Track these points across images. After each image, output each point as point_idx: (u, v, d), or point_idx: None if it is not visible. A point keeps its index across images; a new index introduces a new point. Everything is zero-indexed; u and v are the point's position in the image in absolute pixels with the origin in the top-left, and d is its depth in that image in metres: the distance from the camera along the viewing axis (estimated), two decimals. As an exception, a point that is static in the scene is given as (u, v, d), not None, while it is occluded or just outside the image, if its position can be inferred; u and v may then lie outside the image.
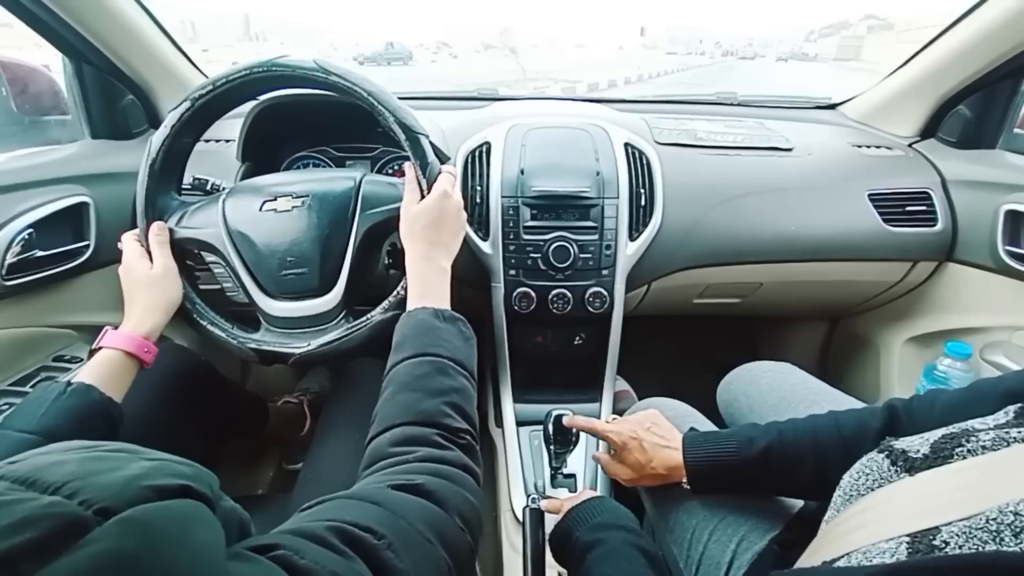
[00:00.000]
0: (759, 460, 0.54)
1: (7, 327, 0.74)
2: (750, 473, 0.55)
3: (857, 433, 0.50)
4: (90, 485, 0.21)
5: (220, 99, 0.68)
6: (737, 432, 0.58)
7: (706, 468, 0.57)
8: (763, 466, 0.54)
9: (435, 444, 0.46)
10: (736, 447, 0.56)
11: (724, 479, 0.57)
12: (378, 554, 0.31)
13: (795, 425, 0.56)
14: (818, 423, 0.54)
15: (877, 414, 0.51)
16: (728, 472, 0.56)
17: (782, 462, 0.53)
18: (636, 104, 1.27)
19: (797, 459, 0.53)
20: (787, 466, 0.53)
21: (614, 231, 0.87)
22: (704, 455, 0.58)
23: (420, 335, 0.55)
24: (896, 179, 0.99)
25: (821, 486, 0.47)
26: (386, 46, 24.36)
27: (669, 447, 0.61)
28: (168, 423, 0.72)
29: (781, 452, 0.53)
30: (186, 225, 0.70)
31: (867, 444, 0.47)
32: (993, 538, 0.27)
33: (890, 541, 0.31)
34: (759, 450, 0.54)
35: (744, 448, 0.55)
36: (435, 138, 0.67)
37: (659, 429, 0.64)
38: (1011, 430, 0.34)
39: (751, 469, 0.55)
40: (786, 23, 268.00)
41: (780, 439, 0.54)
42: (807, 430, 0.54)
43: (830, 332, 1.36)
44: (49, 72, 0.96)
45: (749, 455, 0.54)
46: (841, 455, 0.47)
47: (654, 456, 0.61)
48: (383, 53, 23.56)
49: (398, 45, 25.09)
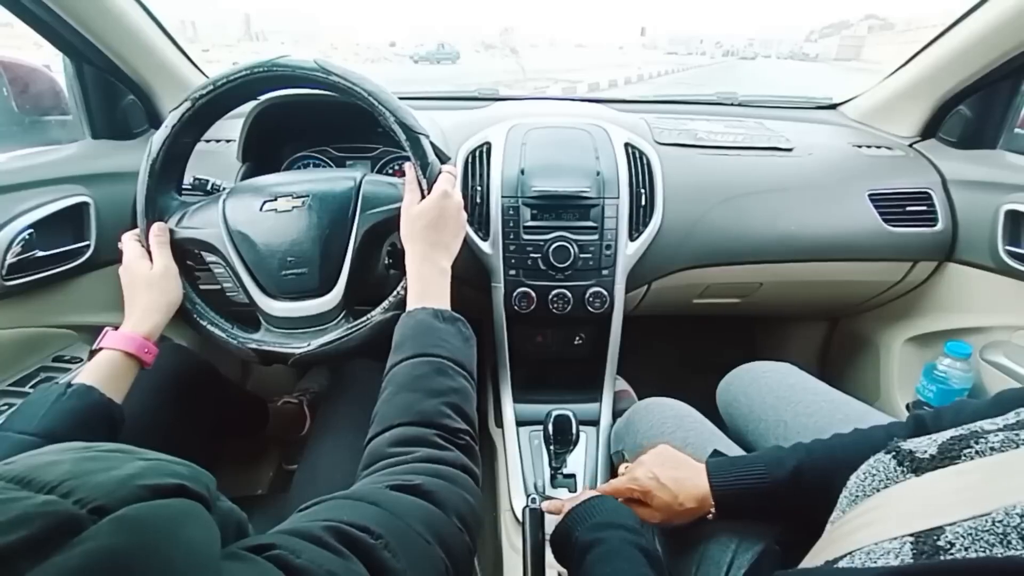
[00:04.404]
0: (791, 480, 0.52)
1: (7, 327, 0.74)
2: (782, 495, 0.53)
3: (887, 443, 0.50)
4: (85, 484, 0.21)
5: (221, 99, 0.68)
6: (763, 454, 0.57)
7: (734, 494, 0.55)
8: (796, 486, 0.52)
9: (434, 445, 0.46)
10: (765, 469, 0.54)
11: (754, 503, 0.55)
12: (375, 554, 0.31)
13: (823, 443, 0.54)
14: (846, 440, 0.53)
15: (904, 426, 0.50)
16: (758, 496, 0.54)
17: (814, 480, 0.51)
18: (636, 104, 1.27)
19: (830, 476, 0.50)
20: (821, 484, 0.50)
21: (614, 231, 0.87)
22: (732, 480, 0.55)
23: (420, 335, 0.55)
24: (896, 179, 0.99)
25: None
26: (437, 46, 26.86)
27: (692, 479, 0.57)
28: (168, 423, 0.72)
29: (812, 470, 0.52)
30: (186, 225, 0.70)
31: None
32: (1000, 540, 0.27)
33: (894, 541, 0.31)
34: (790, 470, 0.52)
35: (773, 469, 0.53)
36: (435, 138, 0.67)
37: (674, 462, 0.60)
38: (1020, 431, 0.34)
39: (783, 490, 0.53)
40: (786, 23, 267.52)
41: (810, 457, 0.53)
42: (837, 446, 0.53)
43: (830, 332, 1.36)
44: (50, 72, 0.96)
45: (780, 476, 0.53)
46: None
47: (679, 492, 0.57)
48: (435, 52, 25.73)
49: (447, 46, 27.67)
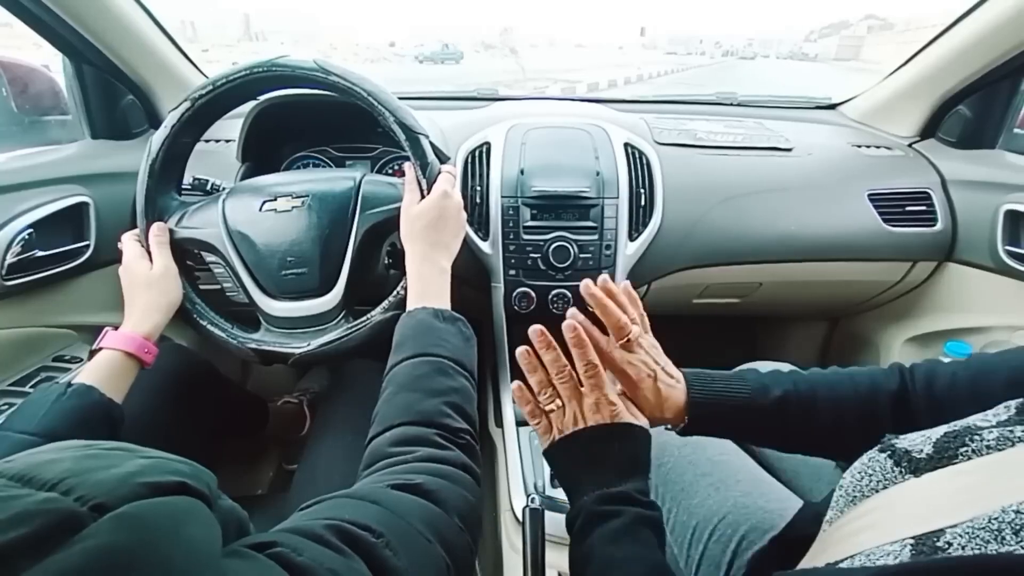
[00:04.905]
0: (775, 407, 0.49)
1: (7, 327, 0.74)
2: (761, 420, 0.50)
3: (872, 392, 0.48)
4: (85, 482, 0.21)
5: (220, 99, 0.68)
6: (746, 377, 0.53)
7: (712, 408, 0.51)
8: (779, 414, 0.49)
9: (435, 444, 0.46)
10: (749, 392, 0.51)
11: (727, 423, 0.51)
12: (376, 552, 0.31)
13: (805, 377, 0.52)
14: (831, 378, 0.51)
15: (890, 375, 0.49)
16: (735, 416, 0.50)
17: (799, 411, 0.49)
18: (636, 104, 1.27)
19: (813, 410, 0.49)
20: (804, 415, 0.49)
21: (614, 231, 0.87)
22: (712, 394, 0.51)
23: (420, 335, 0.55)
24: (896, 179, 0.99)
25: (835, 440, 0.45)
26: (442, 47, 27.47)
27: (678, 387, 0.52)
28: (168, 423, 0.72)
29: (797, 403, 0.49)
30: (186, 225, 0.70)
31: (881, 404, 0.47)
32: (995, 537, 0.27)
33: (894, 543, 0.31)
34: (775, 398, 0.49)
35: (757, 395, 0.50)
36: (435, 138, 0.67)
37: (670, 368, 0.54)
38: (1015, 428, 0.34)
39: (764, 417, 0.50)
40: (786, 23, 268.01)
41: (796, 388, 0.50)
42: (821, 383, 0.51)
43: (830, 332, 1.36)
44: (49, 72, 0.96)
45: (765, 402, 0.50)
46: (857, 411, 0.46)
47: (668, 397, 0.51)
48: (439, 52, 26.26)
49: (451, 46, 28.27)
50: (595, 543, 0.44)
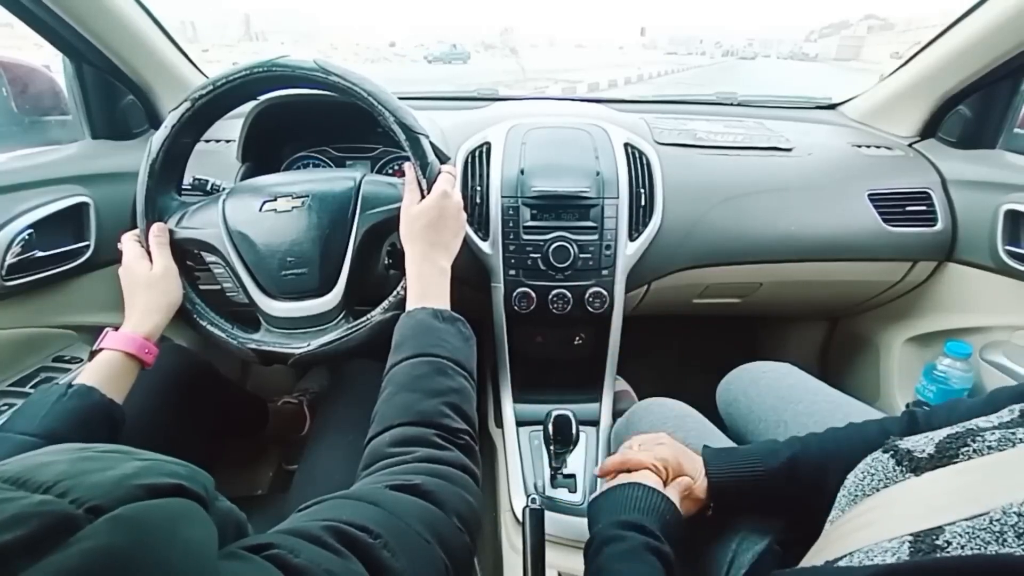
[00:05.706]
0: (786, 470, 0.52)
1: (7, 327, 0.74)
2: (777, 485, 0.53)
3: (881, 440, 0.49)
4: (81, 484, 0.21)
5: (220, 99, 0.68)
6: (758, 446, 0.57)
7: (732, 484, 0.55)
8: (790, 476, 0.52)
9: (434, 444, 0.46)
10: (759, 458, 0.54)
11: (750, 494, 0.55)
12: (374, 553, 0.31)
13: (817, 436, 0.54)
14: (840, 433, 0.53)
15: (898, 422, 0.50)
16: (754, 486, 0.54)
17: (809, 472, 0.51)
18: (636, 104, 1.27)
19: (824, 468, 0.50)
20: (815, 476, 0.51)
21: (614, 231, 0.87)
22: (728, 469, 0.55)
23: (419, 335, 0.55)
24: (896, 179, 0.99)
25: None
26: (450, 47, 27.90)
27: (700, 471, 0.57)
28: (168, 423, 0.72)
29: (807, 462, 0.52)
30: (186, 225, 0.70)
31: None
32: (996, 539, 0.27)
33: (892, 541, 0.31)
34: (784, 460, 0.52)
35: (768, 459, 0.53)
36: (435, 138, 0.67)
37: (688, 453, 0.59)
38: (1017, 430, 0.34)
39: (778, 481, 0.53)
40: (786, 23, 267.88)
41: (805, 449, 0.53)
42: (831, 439, 0.53)
43: (830, 332, 1.36)
44: (49, 72, 0.97)
45: (774, 466, 0.53)
46: None
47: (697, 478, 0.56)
48: (448, 53, 26.63)
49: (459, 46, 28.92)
50: (604, 561, 0.47)
